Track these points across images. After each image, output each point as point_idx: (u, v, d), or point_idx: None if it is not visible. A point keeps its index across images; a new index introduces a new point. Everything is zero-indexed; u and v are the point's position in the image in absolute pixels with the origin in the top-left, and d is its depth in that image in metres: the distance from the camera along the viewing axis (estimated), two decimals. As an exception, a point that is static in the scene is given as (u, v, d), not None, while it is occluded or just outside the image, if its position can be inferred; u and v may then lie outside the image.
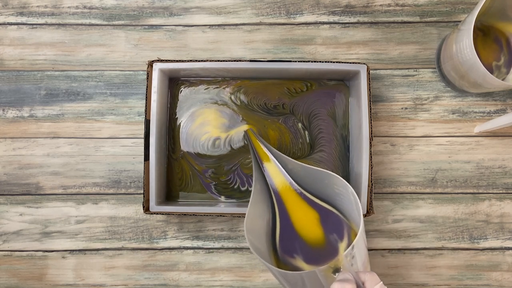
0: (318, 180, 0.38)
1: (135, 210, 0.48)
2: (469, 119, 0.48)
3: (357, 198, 0.32)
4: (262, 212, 0.38)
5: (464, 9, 0.49)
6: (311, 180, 0.38)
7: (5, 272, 0.48)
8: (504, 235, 0.47)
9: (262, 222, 0.38)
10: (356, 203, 0.32)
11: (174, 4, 0.50)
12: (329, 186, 0.37)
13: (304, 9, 0.50)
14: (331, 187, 0.37)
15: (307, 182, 0.39)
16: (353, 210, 0.35)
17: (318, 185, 0.38)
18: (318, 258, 0.37)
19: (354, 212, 0.35)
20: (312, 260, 0.36)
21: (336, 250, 0.36)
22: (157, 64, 0.44)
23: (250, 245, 0.32)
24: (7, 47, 0.49)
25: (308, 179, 0.39)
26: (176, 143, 0.48)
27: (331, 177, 0.35)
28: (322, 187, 0.38)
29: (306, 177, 0.39)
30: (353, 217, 0.36)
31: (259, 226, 0.37)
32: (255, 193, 0.38)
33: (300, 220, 0.39)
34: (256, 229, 0.37)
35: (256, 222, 0.37)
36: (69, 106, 0.49)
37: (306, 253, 0.37)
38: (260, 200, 0.39)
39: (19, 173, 0.48)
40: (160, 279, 0.48)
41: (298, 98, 0.48)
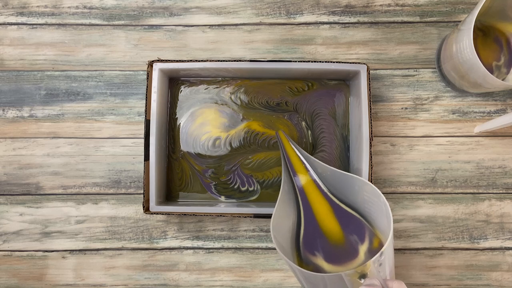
0: (348, 186, 0.38)
1: (135, 210, 0.48)
2: (469, 119, 0.48)
3: (388, 207, 0.32)
4: (288, 212, 0.39)
5: (464, 9, 0.49)
6: (340, 184, 0.39)
7: (5, 272, 0.48)
8: (504, 235, 0.47)
9: (287, 221, 0.38)
10: (387, 213, 0.32)
11: (174, 4, 0.50)
12: (359, 193, 0.37)
13: (304, 9, 0.50)
14: (361, 193, 0.37)
15: (336, 186, 0.39)
16: (381, 218, 0.35)
17: (347, 189, 0.38)
18: (337, 257, 0.37)
19: (383, 220, 0.35)
20: (331, 259, 0.37)
21: (356, 251, 0.37)
22: (157, 64, 0.44)
23: (276, 244, 0.32)
24: (7, 47, 0.49)
25: (336, 183, 0.39)
26: (176, 143, 0.48)
27: (363, 184, 0.35)
28: (351, 192, 0.38)
29: (335, 181, 0.39)
30: (378, 224, 0.36)
31: (284, 225, 0.37)
32: (282, 193, 0.38)
33: (324, 221, 0.39)
34: (282, 228, 0.37)
35: (282, 221, 0.37)
36: (69, 106, 0.49)
37: (327, 251, 0.37)
38: (287, 200, 0.39)
39: (19, 173, 0.48)
40: (160, 279, 0.48)
41: (300, 97, 0.48)
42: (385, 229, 0.35)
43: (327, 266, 0.37)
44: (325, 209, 0.39)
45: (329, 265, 0.37)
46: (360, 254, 0.36)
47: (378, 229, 0.37)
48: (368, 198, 0.36)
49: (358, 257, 0.37)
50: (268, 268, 0.48)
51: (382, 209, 0.33)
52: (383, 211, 0.33)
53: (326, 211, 0.39)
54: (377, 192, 0.33)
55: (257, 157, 0.47)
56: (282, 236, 0.36)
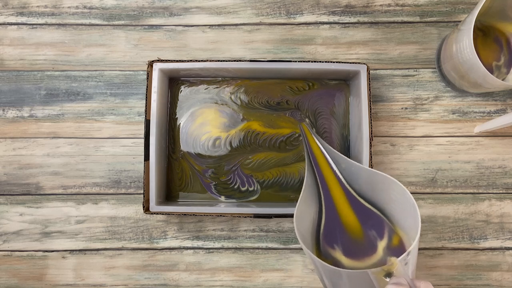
0: (373, 183, 0.37)
1: (135, 210, 0.48)
2: (469, 119, 0.48)
3: (417, 208, 0.31)
4: (310, 205, 0.39)
5: (464, 9, 0.49)
6: (364, 180, 0.38)
7: (5, 272, 0.48)
8: (504, 235, 0.47)
9: (309, 214, 0.38)
10: (415, 214, 0.31)
11: (174, 4, 0.50)
12: (384, 190, 0.36)
13: (304, 9, 0.50)
14: (387, 192, 0.36)
15: (358, 182, 0.39)
16: (406, 217, 0.35)
17: (370, 186, 0.38)
18: (356, 252, 0.37)
19: (407, 220, 0.34)
20: (350, 254, 0.37)
21: (374, 247, 0.37)
22: (157, 64, 0.44)
23: (299, 235, 0.32)
24: (7, 47, 0.49)
25: (360, 179, 0.39)
26: (176, 143, 0.48)
27: (391, 182, 0.35)
28: (375, 189, 0.38)
29: (359, 177, 0.39)
30: (401, 223, 0.36)
31: (306, 218, 0.38)
32: (305, 186, 0.38)
33: (344, 215, 0.39)
34: (304, 221, 0.37)
35: (304, 214, 0.37)
36: (69, 106, 0.49)
37: (346, 245, 0.37)
38: (310, 193, 0.39)
39: (19, 173, 0.48)
40: (160, 279, 0.48)
41: (301, 96, 0.48)
42: (409, 228, 0.34)
43: (346, 260, 0.37)
44: (345, 204, 0.39)
45: (347, 259, 0.37)
46: (378, 250, 0.36)
47: (399, 227, 0.37)
48: (395, 197, 0.35)
49: (376, 253, 0.36)
50: (268, 268, 0.48)
51: (408, 209, 0.33)
52: (408, 211, 0.33)
53: (346, 205, 0.39)
54: (406, 192, 0.33)
55: (257, 157, 0.47)
56: (304, 229, 0.36)
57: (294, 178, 0.47)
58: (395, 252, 0.36)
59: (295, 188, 0.47)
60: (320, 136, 0.45)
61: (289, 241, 0.48)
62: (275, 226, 0.48)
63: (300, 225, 0.35)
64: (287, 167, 0.47)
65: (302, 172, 0.47)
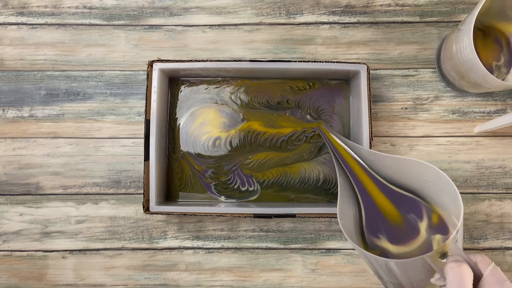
0: (402, 169, 0.38)
1: (135, 210, 0.48)
2: (469, 119, 0.48)
3: (453, 185, 0.32)
4: (348, 202, 0.39)
5: (464, 9, 0.49)
6: (392, 169, 0.39)
7: (5, 272, 0.48)
8: (504, 235, 0.47)
9: (350, 212, 0.39)
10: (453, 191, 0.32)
11: (174, 4, 0.50)
12: (415, 174, 0.37)
13: (304, 9, 0.50)
14: (417, 175, 0.37)
15: (386, 171, 0.40)
16: (442, 196, 0.35)
17: (399, 173, 0.39)
18: (400, 237, 0.37)
19: (444, 198, 0.35)
20: (395, 240, 0.37)
21: (416, 229, 0.37)
22: (157, 64, 0.44)
23: (347, 234, 0.33)
24: (7, 47, 0.49)
25: (388, 168, 0.39)
26: (176, 143, 0.48)
27: (421, 165, 0.36)
28: (404, 175, 0.38)
29: (387, 166, 0.39)
30: (439, 202, 0.37)
31: (349, 216, 0.38)
32: (341, 186, 0.39)
33: (381, 204, 0.39)
34: (347, 219, 0.38)
35: (346, 213, 0.38)
36: (69, 106, 0.49)
37: (389, 233, 0.38)
38: (346, 191, 0.40)
39: (19, 173, 0.48)
40: (160, 279, 0.48)
41: (302, 95, 0.48)
42: (448, 205, 0.35)
43: (392, 247, 0.37)
44: (379, 194, 0.40)
45: (394, 246, 0.37)
46: (421, 231, 0.37)
47: (437, 206, 0.37)
48: (427, 178, 0.36)
49: (420, 235, 0.37)
50: (268, 268, 0.48)
51: (444, 187, 0.33)
52: (444, 189, 0.34)
53: (381, 195, 0.40)
54: (439, 172, 0.33)
55: (257, 157, 0.47)
56: (348, 227, 0.37)
57: (294, 178, 0.47)
58: (437, 230, 0.37)
59: (295, 188, 0.47)
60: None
61: (289, 241, 0.48)
62: (275, 226, 0.48)
63: (345, 223, 0.36)
64: (287, 167, 0.47)
65: (302, 172, 0.47)
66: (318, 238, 0.48)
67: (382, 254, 0.37)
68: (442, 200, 0.36)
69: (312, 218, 0.48)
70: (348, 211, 0.39)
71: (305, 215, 0.43)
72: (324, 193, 0.47)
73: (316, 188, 0.47)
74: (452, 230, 0.35)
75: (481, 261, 0.29)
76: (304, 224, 0.48)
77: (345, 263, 0.47)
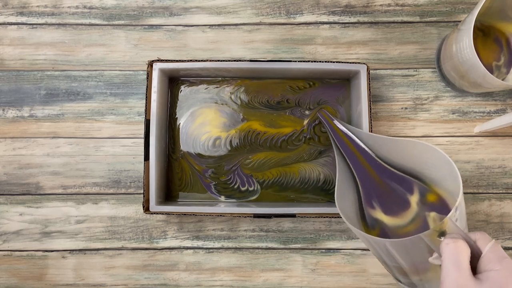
0: (402, 151, 0.38)
1: (135, 210, 0.48)
2: (469, 119, 0.48)
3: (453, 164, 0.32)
4: (348, 186, 0.40)
5: (464, 9, 0.49)
6: (393, 151, 0.39)
7: (5, 272, 0.48)
8: (504, 235, 0.47)
9: (350, 196, 0.40)
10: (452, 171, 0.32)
11: (174, 4, 0.50)
12: (415, 156, 0.37)
13: (304, 9, 0.50)
14: (418, 156, 0.37)
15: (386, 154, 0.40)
16: (443, 176, 0.35)
17: (399, 155, 0.39)
18: (392, 208, 0.38)
19: (445, 179, 0.35)
20: (388, 210, 0.38)
21: (407, 202, 0.38)
22: (157, 64, 0.44)
23: (343, 215, 0.33)
24: (7, 47, 0.49)
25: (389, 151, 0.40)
26: (176, 143, 0.48)
27: (418, 145, 0.36)
28: (405, 156, 0.38)
29: (387, 148, 0.40)
30: (441, 183, 0.37)
31: (348, 199, 0.39)
32: (339, 171, 0.40)
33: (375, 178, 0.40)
34: (345, 200, 0.38)
35: (345, 196, 0.38)
36: (69, 106, 0.49)
37: (382, 201, 0.38)
38: (345, 176, 0.40)
39: (19, 173, 0.48)
40: (160, 279, 0.48)
41: (301, 94, 0.48)
42: (449, 186, 0.35)
43: (387, 219, 0.38)
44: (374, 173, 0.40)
45: (388, 217, 0.38)
46: (412, 204, 0.37)
47: (438, 186, 0.37)
48: (427, 159, 0.36)
49: (411, 207, 0.37)
50: (268, 268, 0.48)
51: (444, 167, 0.33)
52: (444, 169, 0.34)
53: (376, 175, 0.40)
54: (438, 151, 0.33)
55: (257, 157, 0.47)
56: (347, 209, 0.38)
57: (294, 178, 0.47)
58: (436, 209, 0.37)
59: (295, 188, 0.47)
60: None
61: (289, 241, 0.48)
62: (275, 226, 0.48)
63: (343, 205, 0.36)
64: (287, 167, 0.47)
65: (302, 172, 0.47)
66: (318, 238, 0.48)
67: (381, 232, 0.37)
68: (444, 180, 0.36)
69: (312, 218, 0.48)
70: (348, 195, 0.39)
71: (305, 215, 0.43)
72: (324, 193, 0.47)
73: (316, 188, 0.47)
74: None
75: (480, 238, 0.28)
76: (304, 224, 0.48)
77: (345, 263, 0.47)
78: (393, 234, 0.37)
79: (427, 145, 0.35)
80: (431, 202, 0.37)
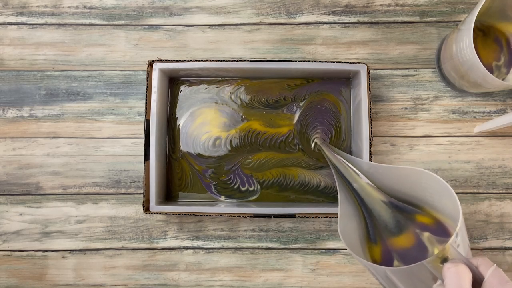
0: (401, 178, 0.38)
1: (135, 210, 0.48)
2: (469, 119, 0.48)
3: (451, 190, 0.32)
4: (352, 215, 0.39)
5: (464, 9, 0.49)
6: (393, 179, 0.39)
7: (5, 272, 0.48)
8: (504, 235, 0.47)
9: (355, 224, 0.39)
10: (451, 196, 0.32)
11: (174, 4, 0.50)
12: (415, 182, 0.37)
13: (304, 9, 0.50)
14: (418, 183, 0.37)
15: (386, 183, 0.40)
16: (443, 202, 0.35)
17: (400, 183, 0.39)
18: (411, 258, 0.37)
19: (446, 205, 0.35)
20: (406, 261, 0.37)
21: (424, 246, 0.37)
22: (157, 64, 0.44)
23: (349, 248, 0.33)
24: (7, 47, 0.49)
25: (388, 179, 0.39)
26: (176, 143, 0.48)
27: (417, 172, 0.36)
28: (406, 184, 0.38)
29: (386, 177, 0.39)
30: (443, 209, 0.37)
31: (351, 226, 0.38)
32: (341, 199, 0.39)
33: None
34: (350, 232, 0.37)
35: (349, 227, 0.38)
36: (69, 106, 0.49)
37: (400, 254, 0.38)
38: (349, 205, 0.40)
39: (19, 173, 0.48)
40: (160, 279, 0.48)
41: (298, 89, 0.48)
42: (450, 212, 0.35)
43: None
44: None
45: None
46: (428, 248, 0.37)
47: (441, 213, 0.37)
48: (426, 184, 0.36)
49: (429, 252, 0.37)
50: (268, 268, 0.48)
51: (443, 193, 0.34)
52: (444, 195, 0.34)
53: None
54: (435, 177, 0.33)
55: (257, 157, 0.47)
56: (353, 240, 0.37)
57: (293, 180, 0.47)
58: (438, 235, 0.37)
59: (295, 189, 0.47)
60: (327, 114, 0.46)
61: (289, 241, 0.48)
62: (275, 226, 0.48)
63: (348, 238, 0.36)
64: (286, 169, 0.47)
65: (301, 176, 0.47)
66: (318, 238, 0.48)
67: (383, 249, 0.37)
68: (444, 205, 0.36)
69: (312, 218, 0.48)
70: (353, 225, 0.39)
71: (305, 215, 0.43)
72: (324, 196, 0.47)
73: (317, 191, 0.47)
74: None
75: (482, 263, 0.28)
76: (304, 224, 0.48)
77: (345, 263, 0.47)
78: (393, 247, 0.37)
79: (424, 172, 0.34)
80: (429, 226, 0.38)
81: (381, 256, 0.38)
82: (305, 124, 0.47)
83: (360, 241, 0.38)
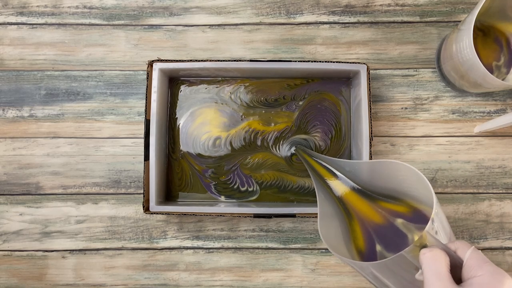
0: (380, 173, 0.38)
1: (135, 210, 0.48)
2: (469, 119, 0.48)
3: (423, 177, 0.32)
4: (332, 215, 0.39)
5: (464, 9, 0.49)
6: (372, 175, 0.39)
7: (5, 272, 0.48)
8: (504, 235, 0.47)
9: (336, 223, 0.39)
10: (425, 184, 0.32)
11: (174, 4, 0.50)
12: (392, 176, 0.37)
13: (304, 9, 0.50)
14: (395, 176, 0.37)
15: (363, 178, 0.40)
16: (421, 191, 0.35)
17: (381, 178, 0.39)
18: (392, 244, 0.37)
19: (424, 193, 0.35)
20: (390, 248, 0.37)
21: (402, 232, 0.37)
22: (157, 64, 0.44)
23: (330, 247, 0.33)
24: (7, 47, 0.49)
25: (367, 175, 0.39)
26: (176, 143, 0.48)
27: (391, 164, 0.36)
28: (384, 177, 0.38)
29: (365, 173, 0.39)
30: (421, 199, 0.36)
31: (333, 225, 0.38)
32: (320, 201, 0.39)
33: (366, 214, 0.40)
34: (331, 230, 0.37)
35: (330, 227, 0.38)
36: (69, 106, 0.49)
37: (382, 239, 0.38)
38: (328, 206, 0.40)
39: (19, 173, 0.48)
40: (160, 279, 0.48)
41: (298, 88, 0.48)
42: (427, 200, 0.35)
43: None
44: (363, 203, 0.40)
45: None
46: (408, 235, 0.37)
47: (421, 203, 0.37)
48: (402, 176, 0.36)
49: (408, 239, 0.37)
50: (268, 268, 0.48)
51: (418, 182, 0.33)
52: (419, 184, 0.33)
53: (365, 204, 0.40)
54: (406, 166, 0.33)
55: (256, 157, 0.47)
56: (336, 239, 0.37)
57: (292, 184, 0.47)
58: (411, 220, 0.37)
59: (295, 192, 0.47)
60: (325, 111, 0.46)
61: (289, 241, 0.48)
62: (275, 226, 0.48)
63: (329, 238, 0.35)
64: (283, 174, 0.47)
65: (300, 182, 0.47)
66: (318, 238, 0.48)
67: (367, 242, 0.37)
68: (422, 194, 0.36)
69: (312, 218, 0.48)
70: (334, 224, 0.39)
71: (305, 215, 0.43)
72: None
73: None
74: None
75: (460, 247, 0.28)
76: (304, 224, 0.48)
77: (345, 263, 0.47)
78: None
79: (397, 163, 0.34)
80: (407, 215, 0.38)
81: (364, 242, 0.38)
82: (305, 121, 0.47)
83: (343, 238, 0.38)
